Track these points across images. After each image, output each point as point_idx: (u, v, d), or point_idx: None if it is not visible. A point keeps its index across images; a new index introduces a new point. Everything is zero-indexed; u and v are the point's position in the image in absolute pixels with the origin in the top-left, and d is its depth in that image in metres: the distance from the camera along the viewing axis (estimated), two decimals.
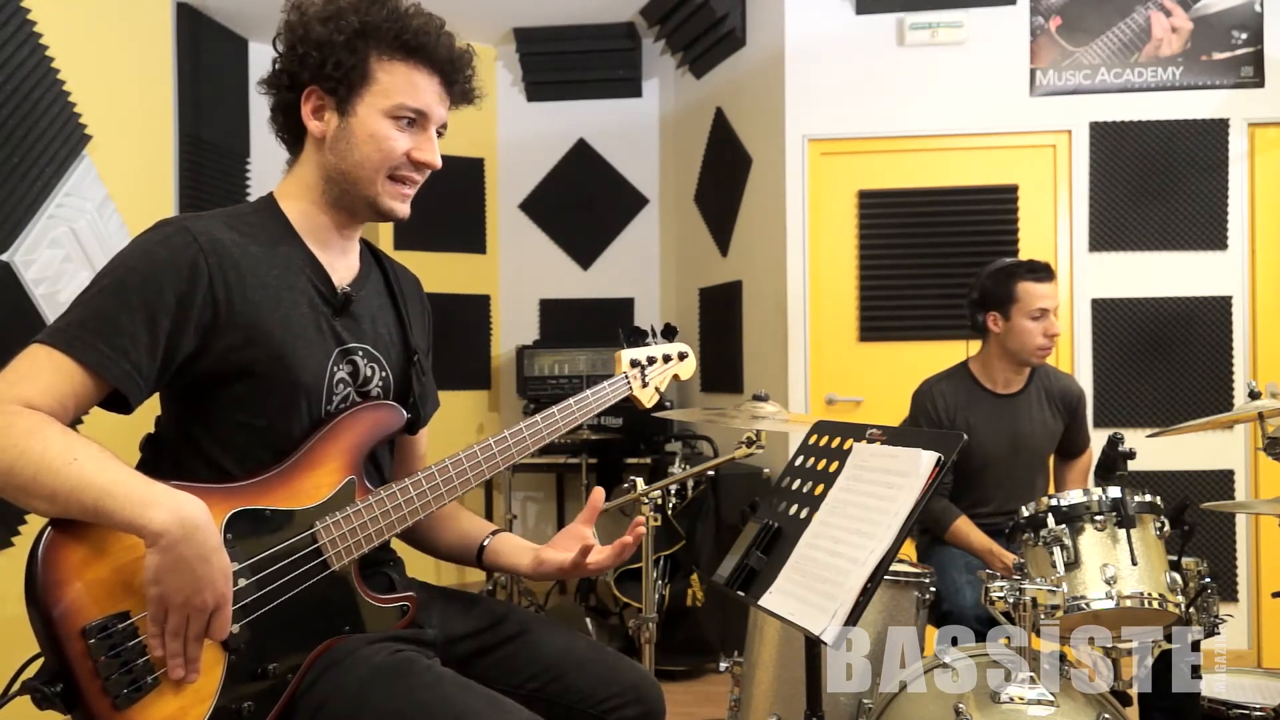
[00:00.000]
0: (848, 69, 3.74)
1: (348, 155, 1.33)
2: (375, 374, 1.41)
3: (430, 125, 1.37)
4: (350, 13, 1.31)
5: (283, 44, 1.34)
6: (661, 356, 1.73)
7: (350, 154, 1.33)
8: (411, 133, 1.35)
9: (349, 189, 1.35)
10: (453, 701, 1.21)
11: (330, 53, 1.30)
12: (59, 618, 1.07)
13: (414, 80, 1.34)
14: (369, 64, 1.32)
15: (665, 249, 4.86)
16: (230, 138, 4.36)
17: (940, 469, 1.27)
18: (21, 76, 2.90)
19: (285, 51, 1.34)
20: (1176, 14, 3.61)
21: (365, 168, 1.33)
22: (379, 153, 1.33)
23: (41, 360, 1.15)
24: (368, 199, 1.35)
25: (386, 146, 1.33)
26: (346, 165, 1.34)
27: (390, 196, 1.36)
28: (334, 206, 1.37)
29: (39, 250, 2.98)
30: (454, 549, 1.54)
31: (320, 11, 1.32)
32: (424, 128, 1.37)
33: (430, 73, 1.35)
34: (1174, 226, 3.63)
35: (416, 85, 1.34)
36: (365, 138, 1.33)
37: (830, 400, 3.79)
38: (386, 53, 1.33)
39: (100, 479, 1.08)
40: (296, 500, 1.27)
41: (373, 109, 1.33)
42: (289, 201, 1.38)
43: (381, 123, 1.33)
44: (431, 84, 1.36)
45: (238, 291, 1.25)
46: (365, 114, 1.33)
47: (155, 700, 1.11)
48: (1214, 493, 3.54)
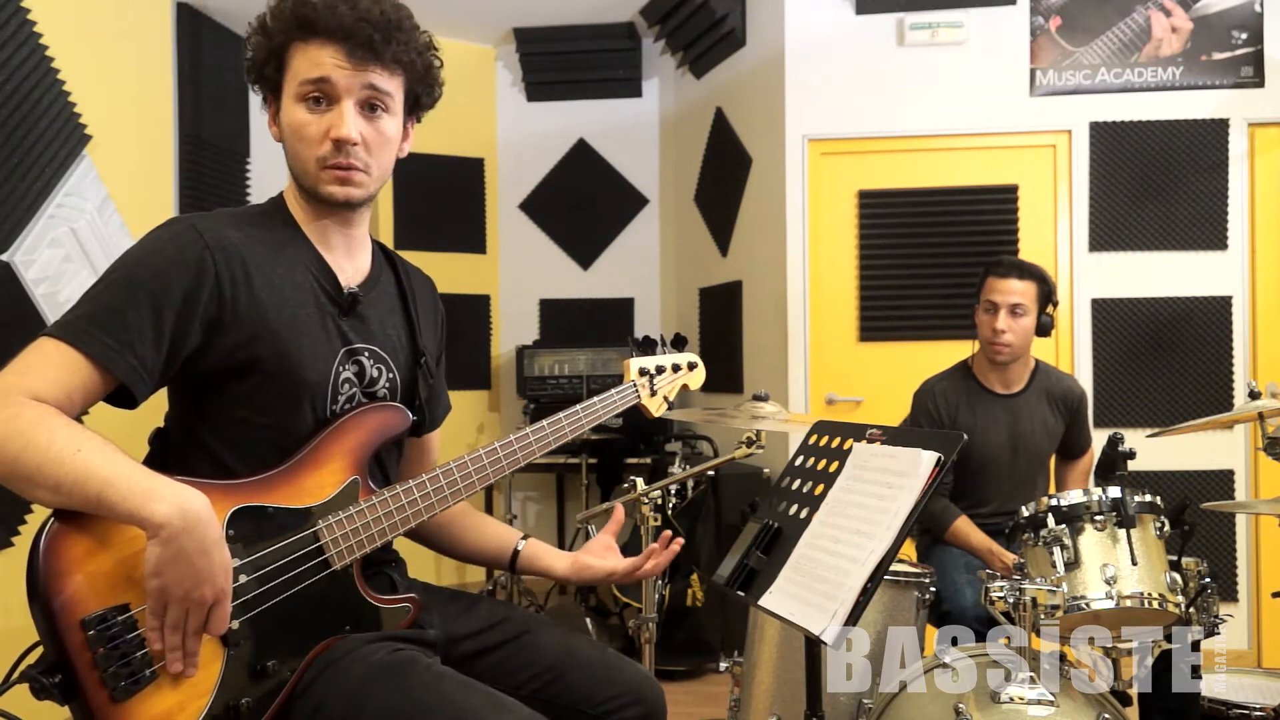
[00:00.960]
0: (848, 69, 3.74)
1: (288, 153, 1.35)
2: (382, 375, 1.41)
3: (341, 96, 1.29)
4: (269, 15, 1.32)
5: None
6: (671, 366, 1.73)
7: (288, 151, 1.34)
8: (323, 111, 1.30)
9: (301, 184, 1.35)
10: (453, 700, 1.21)
11: (264, 59, 1.32)
12: (59, 608, 1.07)
13: (313, 56, 1.29)
14: (284, 56, 1.32)
15: (665, 249, 4.86)
16: (230, 138, 4.36)
17: (940, 469, 1.27)
18: (21, 76, 2.90)
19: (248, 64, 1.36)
20: (1176, 14, 3.61)
21: (298, 161, 1.33)
22: (300, 141, 1.31)
23: (49, 353, 1.16)
24: (310, 190, 1.34)
25: (305, 133, 1.30)
26: (291, 161, 1.35)
27: (326, 183, 1.32)
28: (310, 202, 1.37)
29: (39, 250, 2.97)
30: (484, 552, 1.58)
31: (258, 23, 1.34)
32: (334, 99, 1.29)
33: (327, 41, 1.28)
34: (1174, 226, 3.63)
35: (315, 60, 1.29)
36: (289, 130, 1.32)
37: (830, 400, 3.79)
38: (297, 38, 1.30)
39: (104, 471, 1.09)
40: (299, 499, 1.27)
41: (289, 98, 1.32)
42: (293, 203, 1.39)
43: (295, 110, 1.31)
44: (329, 52, 1.28)
45: (244, 289, 1.26)
46: (286, 105, 1.32)
47: (153, 693, 1.11)
48: (1214, 493, 3.54)
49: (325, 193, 1.32)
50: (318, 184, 1.32)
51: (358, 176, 1.32)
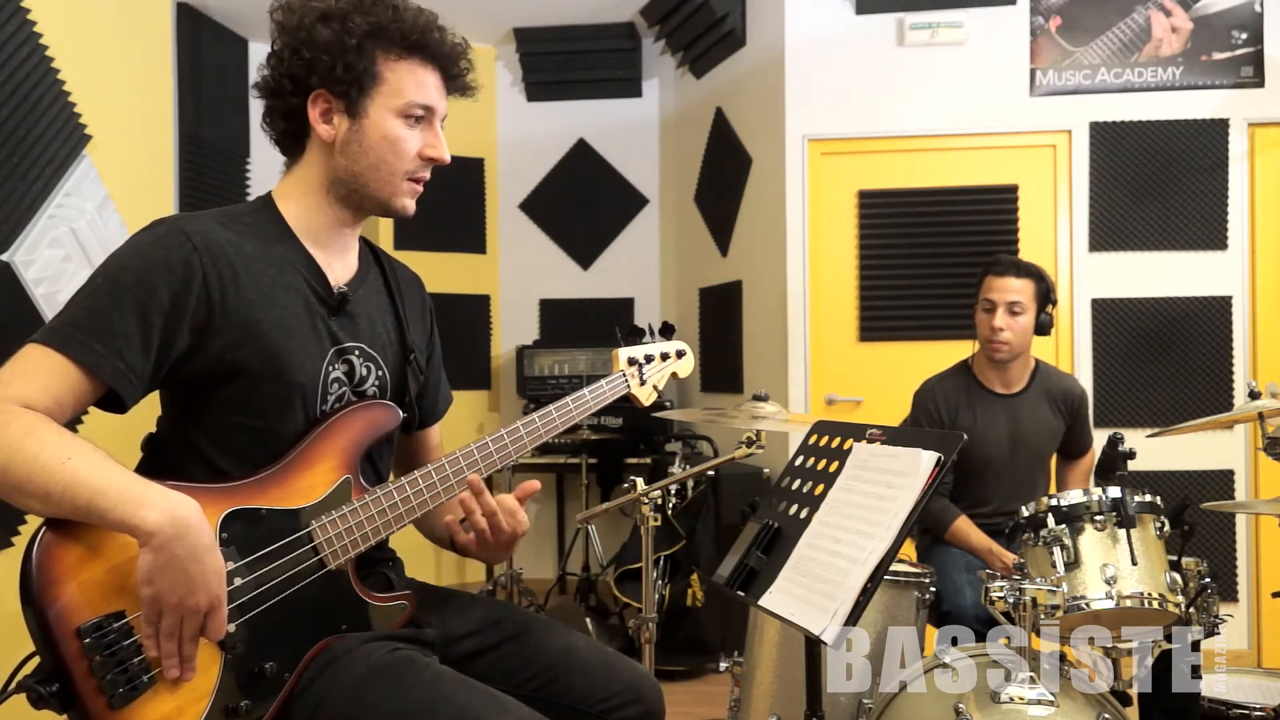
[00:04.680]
0: (848, 69, 3.74)
1: (361, 158, 1.33)
2: (371, 373, 1.41)
3: (436, 120, 1.38)
4: (355, 14, 1.31)
5: (282, 47, 1.32)
6: (659, 354, 1.72)
7: (364, 157, 1.33)
8: (420, 130, 1.36)
9: (360, 190, 1.35)
10: (452, 699, 1.21)
11: (339, 55, 1.30)
12: (54, 617, 1.07)
13: (420, 77, 1.35)
14: (377, 65, 1.32)
15: (665, 249, 4.86)
16: (230, 138, 4.36)
17: (940, 469, 1.27)
18: (21, 76, 2.90)
19: (289, 55, 1.31)
20: (1176, 14, 3.61)
21: (381, 170, 1.34)
22: (395, 155, 1.34)
23: (37, 360, 1.15)
24: (381, 199, 1.36)
25: (402, 148, 1.34)
26: (360, 168, 1.34)
27: (405, 195, 1.38)
28: (339, 206, 1.37)
29: (39, 250, 2.97)
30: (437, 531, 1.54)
31: (321, 13, 1.30)
32: (431, 123, 1.37)
33: (433, 68, 1.36)
34: (1174, 226, 3.63)
35: (423, 82, 1.35)
36: (379, 140, 1.33)
37: (830, 400, 3.78)
38: (394, 52, 1.33)
39: (94, 479, 1.08)
40: (292, 499, 1.27)
41: (384, 110, 1.33)
42: (288, 202, 1.37)
43: (394, 123, 1.33)
44: (435, 79, 1.37)
45: (232, 290, 1.25)
46: (378, 116, 1.33)
47: (151, 699, 1.11)
48: (1214, 493, 3.54)
49: (399, 204, 1.38)
50: (395, 195, 1.36)
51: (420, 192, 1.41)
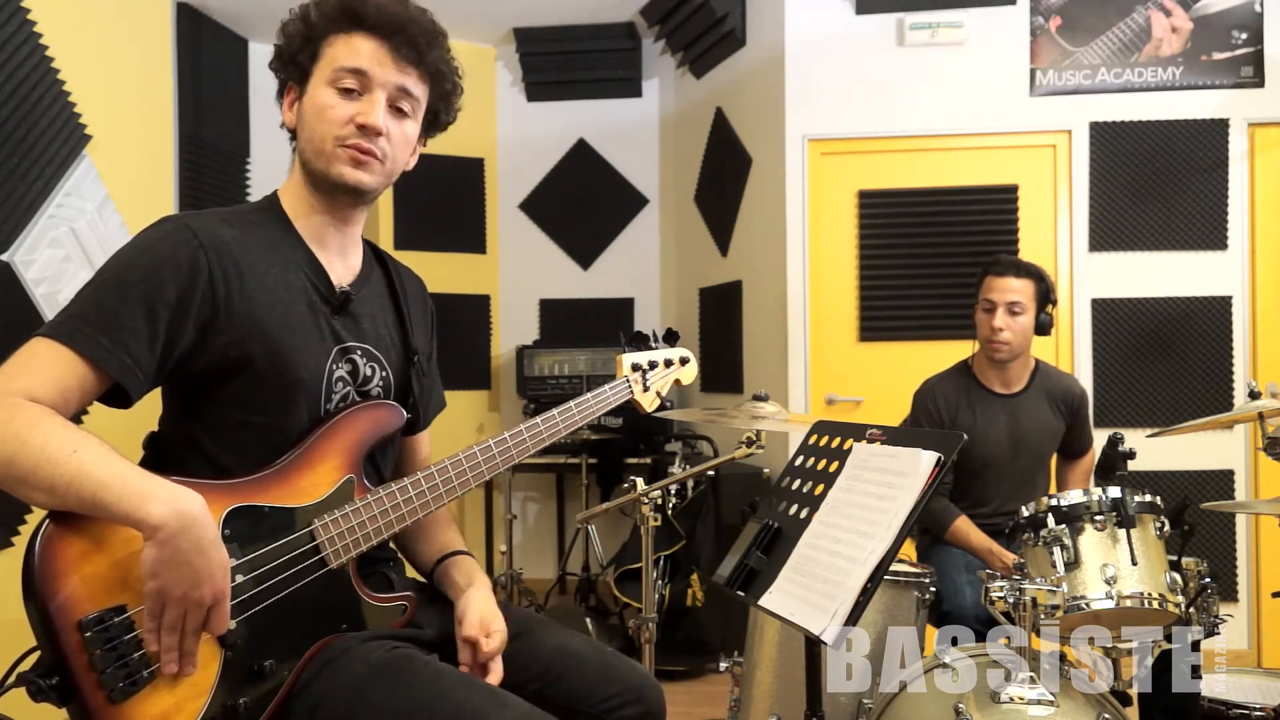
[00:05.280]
0: (848, 69, 3.74)
1: (305, 134, 1.34)
2: (375, 373, 1.41)
3: (375, 88, 1.32)
4: (311, 6, 1.34)
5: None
6: (663, 361, 1.73)
7: (305, 132, 1.34)
8: (354, 99, 1.31)
9: (311, 168, 1.34)
10: (451, 695, 1.21)
11: (294, 44, 1.33)
12: (56, 610, 1.07)
13: (355, 45, 1.32)
14: (320, 45, 1.33)
15: (665, 249, 4.86)
16: (230, 138, 4.36)
17: (940, 469, 1.27)
18: (21, 76, 2.90)
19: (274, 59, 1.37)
20: (1176, 14, 3.61)
21: (315, 140, 1.32)
22: (322, 121, 1.31)
23: (43, 353, 1.15)
24: (319, 171, 1.33)
25: (329, 115, 1.30)
26: (305, 144, 1.34)
27: (343, 162, 1.31)
28: (314, 194, 1.37)
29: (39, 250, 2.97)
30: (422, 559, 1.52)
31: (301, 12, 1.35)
32: (367, 90, 1.32)
33: (368, 35, 1.31)
34: (1174, 226, 3.63)
35: (357, 50, 1.31)
36: (313, 112, 1.32)
37: (830, 400, 3.78)
38: (333, 28, 1.33)
39: (99, 472, 1.08)
40: (295, 498, 1.27)
41: (319, 83, 1.33)
42: (289, 201, 1.39)
43: (324, 93, 1.32)
44: (371, 46, 1.31)
45: (237, 288, 1.25)
46: (314, 90, 1.33)
47: (151, 694, 1.11)
48: (1214, 493, 3.54)
49: (336, 173, 1.31)
50: (331, 163, 1.31)
51: (373, 164, 1.33)
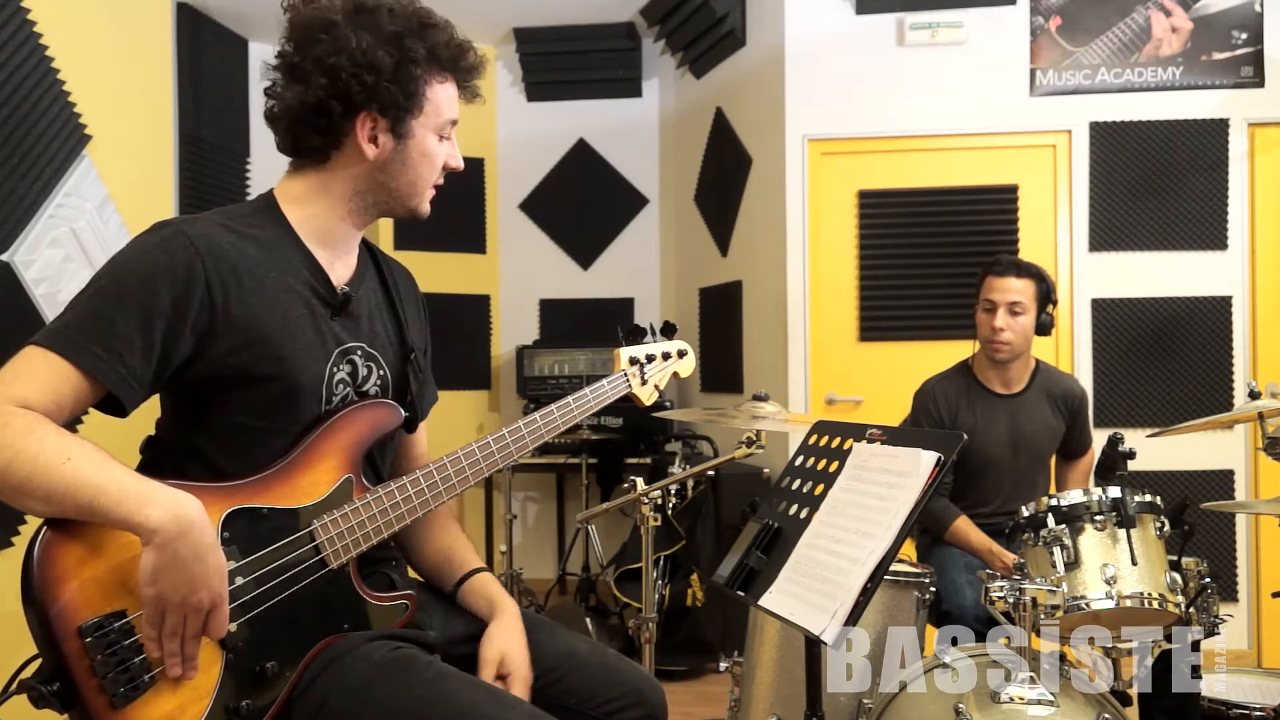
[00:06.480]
0: (848, 69, 3.74)
1: (400, 175, 1.37)
2: (373, 373, 1.41)
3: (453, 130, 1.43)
4: (409, 37, 1.31)
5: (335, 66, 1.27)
6: (661, 354, 1.73)
7: (404, 174, 1.37)
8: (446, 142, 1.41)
9: (390, 200, 1.39)
10: (455, 696, 1.21)
11: (400, 82, 1.31)
12: (55, 617, 1.06)
13: (450, 94, 1.40)
14: (421, 85, 1.34)
15: (665, 249, 4.86)
16: (230, 138, 4.36)
17: (940, 469, 1.27)
18: (21, 76, 2.90)
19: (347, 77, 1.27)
20: (1176, 14, 3.61)
21: (418, 184, 1.39)
22: (431, 170, 1.40)
23: (37, 362, 1.15)
24: (410, 208, 1.41)
25: (437, 164, 1.40)
26: (398, 183, 1.37)
27: (427, 201, 1.43)
28: (360, 213, 1.39)
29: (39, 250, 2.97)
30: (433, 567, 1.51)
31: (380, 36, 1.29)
32: (450, 135, 1.42)
33: (452, 80, 1.40)
34: (1174, 226, 3.63)
35: (452, 98, 1.41)
36: (419, 157, 1.37)
37: (830, 400, 3.78)
38: (437, 74, 1.36)
39: (95, 478, 1.08)
40: (294, 498, 1.27)
41: (426, 129, 1.36)
42: (294, 205, 1.35)
43: (432, 141, 1.38)
44: (457, 94, 1.42)
45: (235, 295, 1.24)
46: (421, 136, 1.36)
47: (152, 699, 1.11)
48: (1214, 493, 3.54)
49: (424, 210, 1.43)
50: (422, 203, 1.42)
51: None
